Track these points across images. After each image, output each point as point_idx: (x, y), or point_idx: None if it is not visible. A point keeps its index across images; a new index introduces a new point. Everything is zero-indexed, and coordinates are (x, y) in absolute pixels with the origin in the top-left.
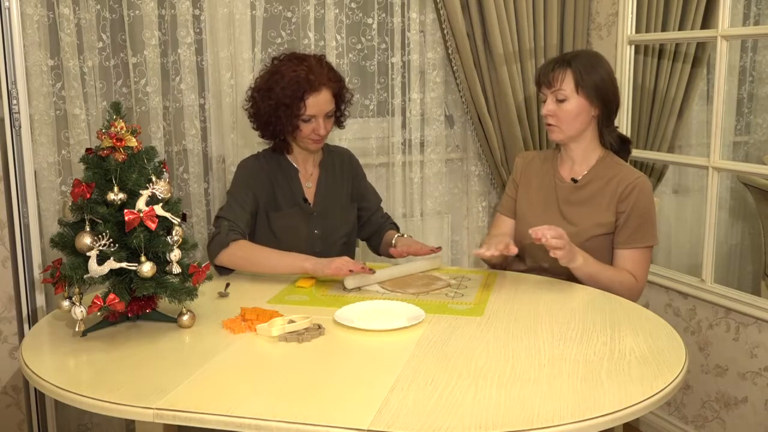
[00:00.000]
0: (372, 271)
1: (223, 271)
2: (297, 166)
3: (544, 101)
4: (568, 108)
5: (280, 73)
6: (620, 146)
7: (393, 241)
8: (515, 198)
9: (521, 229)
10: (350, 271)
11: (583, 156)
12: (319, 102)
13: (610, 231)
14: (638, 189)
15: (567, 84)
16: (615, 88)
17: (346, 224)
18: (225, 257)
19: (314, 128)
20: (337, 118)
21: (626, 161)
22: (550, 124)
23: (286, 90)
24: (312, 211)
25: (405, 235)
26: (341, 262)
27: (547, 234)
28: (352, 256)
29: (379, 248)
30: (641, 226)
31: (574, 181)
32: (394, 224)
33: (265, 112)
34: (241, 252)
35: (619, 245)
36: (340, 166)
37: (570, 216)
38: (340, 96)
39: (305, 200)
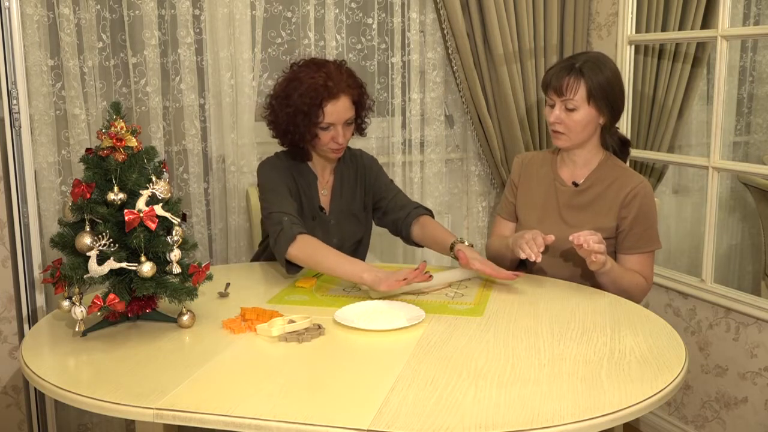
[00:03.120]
0: (430, 276)
1: (292, 268)
2: (316, 173)
3: (551, 106)
4: (577, 118)
5: (299, 79)
6: (620, 148)
7: (452, 247)
8: (514, 201)
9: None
10: (404, 279)
11: (585, 160)
12: (338, 109)
13: (610, 236)
14: (641, 195)
15: (579, 94)
16: (623, 93)
17: (359, 230)
18: (295, 251)
19: (333, 136)
20: (358, 125)
21: (625, 162)
22: (557, 131)
23: (303, 97)
24: (328, 219)
25: (465, 242)
26: (396, 279)
27: (590, 240)
28: (363, 259)
29: (411, 237)
30: (646, 231)
31: (575, 184)
32: (425, 210)
33: (283, 120)
34: (307, 246)
35: (625, 250)
36: (354, 172)
37: (570, 220)
38: (360, 103)
39: (321, 208)
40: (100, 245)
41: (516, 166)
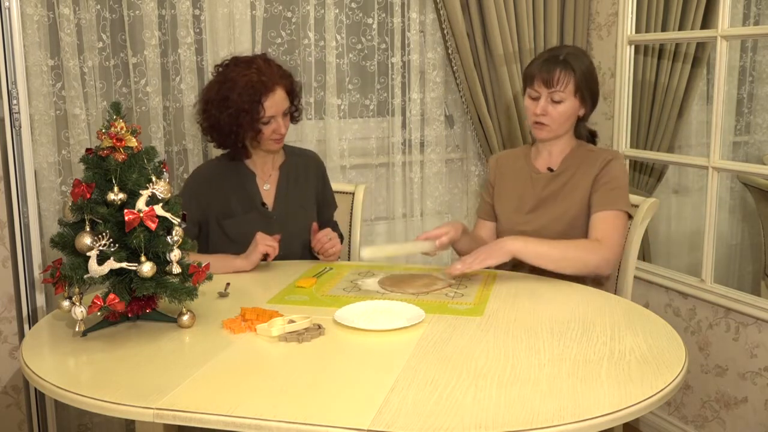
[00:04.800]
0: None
1: None
2: (254, 170)
3: (534, 98)
4: (562, 109)
5: (231, 80)
6: (589, 139)
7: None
8: (491, 201)
9: (502, 230)
10: (268, 245)
11: (561, 149)
12: (276, 102)
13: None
14: (613, 159)
15: (569, 87)
16: (598, 85)
17: (308, 226)
18: None
19: (275, 128)
20: (291, 114)
21: None
22: (540, 123)
23: (242, 96)
24: (271, 214)
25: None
26: (260, 241)
27: (467, 265)
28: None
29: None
30: (613, 191)
31: (551, 170)
32: (340, 236)
33: (226, 123)
34: None
35: (591, 210)
36: (305, 168)
37: (550, 204)
38: (293, 91)
39: (263, 204)
40: (100, 245)
41: (491, 166)
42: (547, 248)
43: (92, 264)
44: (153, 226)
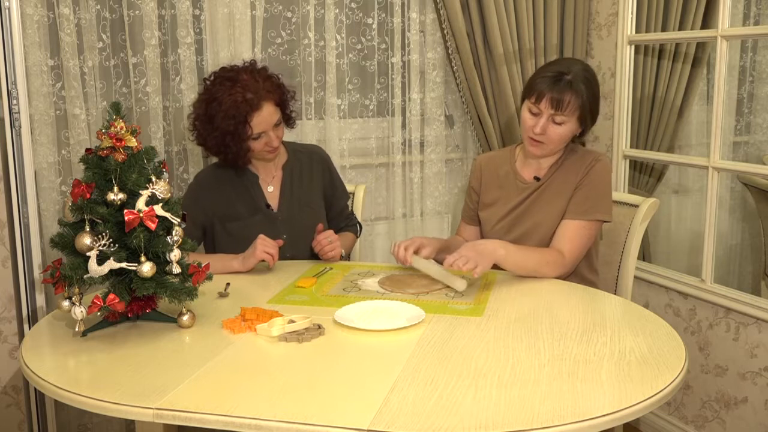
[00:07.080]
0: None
1: None
2: (256, 173)
3: (535, 114)
4: (561, 131)
5: (217, 100)
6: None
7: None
8: (475, 207)
9: (486, 236)
10: (268, 253)
11: (550, 160)
12: (263, 118)
13: None
14: (597, 165)
15: (573, 111)
16: (599, 106)
17: (314, 223)
18: None
19: (266, 142)
20: (286, 121)
21: None
22: (537, 141)
23: (227, 118)
24: (276, 216)
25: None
26: (260, 247)
27: (459, 263)
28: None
29: None
30: (588, 198)
31: (537, 179)
32: (355, 226)
33: (213, 144)
34: None
35: (564, 214)
36: (309, 165)
37: (533, 212)
38: (283, 102)
39: (268, 206)
40: (100, 245)
41: (475, 171)
42: (524, 260)
43: (92, 264)
44: (153, 226)
